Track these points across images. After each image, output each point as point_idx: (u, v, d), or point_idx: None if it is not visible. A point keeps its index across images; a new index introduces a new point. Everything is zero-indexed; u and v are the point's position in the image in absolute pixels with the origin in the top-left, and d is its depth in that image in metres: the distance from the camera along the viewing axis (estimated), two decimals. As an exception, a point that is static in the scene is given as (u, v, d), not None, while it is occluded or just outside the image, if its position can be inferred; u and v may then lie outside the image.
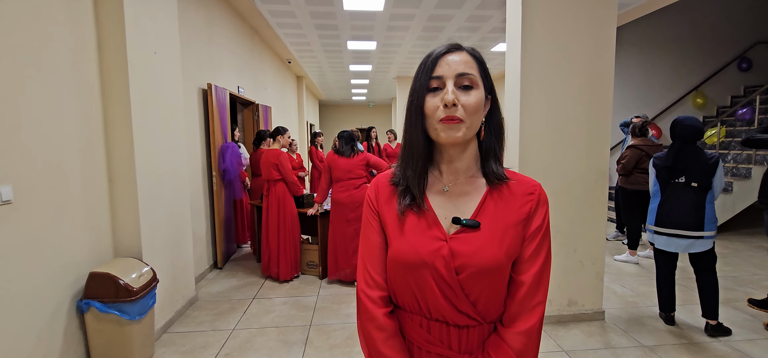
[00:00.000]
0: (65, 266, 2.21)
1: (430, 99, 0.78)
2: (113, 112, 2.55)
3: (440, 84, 0.77)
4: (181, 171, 3.24)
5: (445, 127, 0.76)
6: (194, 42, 4.04)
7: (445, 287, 0.78)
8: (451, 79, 0.76)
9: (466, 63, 0.78)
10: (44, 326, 2.06)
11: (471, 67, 0.78)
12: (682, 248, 2.77)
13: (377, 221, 0.88)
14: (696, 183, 2.73)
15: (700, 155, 2.75)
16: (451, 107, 0.75)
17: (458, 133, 0.77)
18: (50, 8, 2.12)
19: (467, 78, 0.77)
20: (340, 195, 3.68)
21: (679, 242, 2.77)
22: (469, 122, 0.77)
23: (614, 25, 2.85)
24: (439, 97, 0.77)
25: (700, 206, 2.72)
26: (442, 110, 0.76)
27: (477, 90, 0.78)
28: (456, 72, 0.77)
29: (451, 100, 0.75)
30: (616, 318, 3.09)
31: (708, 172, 2.71)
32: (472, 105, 0.76)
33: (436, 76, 0.78)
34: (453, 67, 0.77)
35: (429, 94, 0.79)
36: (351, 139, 3.76)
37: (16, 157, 1.90)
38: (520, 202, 0.82)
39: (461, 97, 0.76)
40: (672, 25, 7.16)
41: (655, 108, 7.40)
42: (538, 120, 2.85)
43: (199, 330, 2.95)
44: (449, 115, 0.76)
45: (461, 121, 0.76)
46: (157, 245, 2.84)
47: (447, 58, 0.78)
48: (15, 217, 1.88)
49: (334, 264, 3.84)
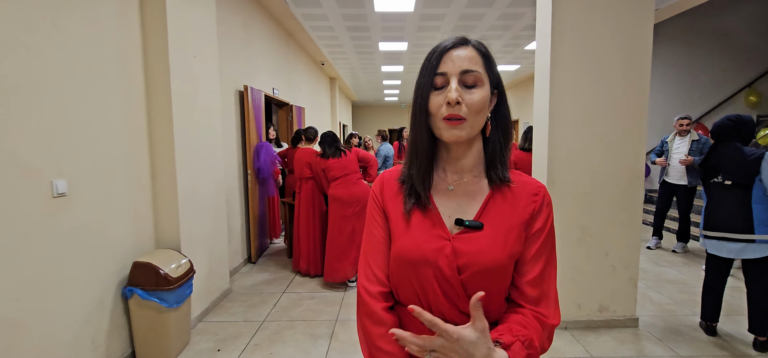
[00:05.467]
0: (112, 255, 2.39)
1: (434, 97, 0.78)
2: (156, 112, 2.73)
3: (444, 81, 0.77)
4: (218, 169, 3.41)
5: (448, 126, 0.77)
6: (232, 45, 4.23)
7: (447, 285, 0.79)
8: (455, 77, 0.76)
9: (471, 59, 0.77)
10: (93, 310, 2.24)
11: (476, 64, 0.77)
12: (734, 252, 2.60)
13: (382, 217, 0.88)
14: (730, 181, 2.59)
15: (736, 153, 2.60)
16: (454, 106, 0.75)
17: (461, 132, 0.77)
18: (101, 17, 2.30)
19: (472, 75, 0.76)
20: (338, 191, 3.70)
21: (731, 246, 2.60)
22: (473, 121, 0.77)
23: (652, 18, 2.74)
24: (443, 95, 0.77)
25: (744, 205, 2.55)
26: (446, 108, 0.76)
27: (481, 88, 0.77)
28: (460, 69, 0.76)
29: (455, 98, 0.75)
30: (651, 326, 2.97)
31: (747, 170, 2.55)
32: (475, 103, 0.76)
33: (441, 73, 0.77)
34: (457, 63, 0.76)
35: (433, 91, 0.78)
36: (335, 140, 3.83)
37: (71, 154, 2.08)
38: (524, 203, 0.82)
39: (465, 95, 0.76)
40: (719, 18, 6.73)
41: (702, 107, 6.99)
42: (568, 118, 2.79)
43: (232, 320, 3.09)
44: (452, 114, 0.76)
45: (464, 120, 0.76)
46: (194, 239, 3.00)
47: (452, 54, 0.77)
48: (69, 208, 2.06)
49: (329, 266, 3.73)
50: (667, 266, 4.32)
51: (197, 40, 3.06)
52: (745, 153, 2.58)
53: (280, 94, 5.88)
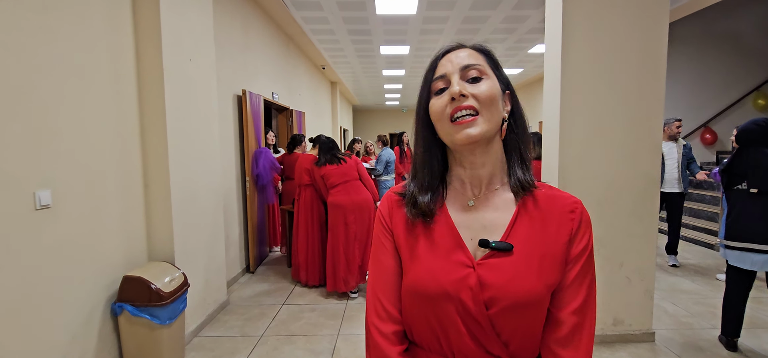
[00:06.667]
0: (101, 269, 2.26)
1: (435, 101, 0.69)
2: (149, 118, 2.61)
3: (445, 83, 0.69)
4: (214, 177, 3.29)
5: (458, 126, 0.66)
6: (230, 49, 4.12)
7: (473, 323, 0.66)
8: (456, 74, 0.68)
9: (470, 54, 0.70)
10: (79, 327, 2.11)
11: (477, 59, 0.69)
12: (758, 265, 2.46)
13: (391, 241, 0.75)
14: (755, 189, 2.46)
15: (765, 159, 2.47)
16: (459, 99, 0.65)
17: (475, 129, 0.65)
18: (91, 18, 2.19)
19: (474, 68, 0.68)
20: (338, 198, 3.59)
21: (755, 257, 2.46)
22: (487, 114, 0.66)
23: (667, 20, 2.62)
24: (446, 94, 0.68)
25: None
26: (451, 106, 0.66)
27: (488, 79, 0.68)
28: (460, 65, 0.68)
29: (458, 90, 0.65)
30: (669, 340, 2.83)
31: None
32: (485, 94, 0.66)
33: (439, 76, 0.69)
34: (456, 61, 0.69)
35: (434, 97, 0.70)
36: (331, 148, 3.72)
37: (56, 163, 1.96)
38: (559, 221, 0.69)
39: (470, 88, 0.66)
40: (729, 20, 6.61)
41: (711, 110, 6.87)
42: (580, 124, 2.66)
43: (229, 335, 2.96)
44: (459, 107, 0.65)
45: (477, 113, 0.65)
46: (189, 250, 2.88)
47: (449, 56, 0.71)
48: (53, 221, 1.94)
49: (332, 274, 3.63)
50: (680, 275, 4.17)
51: (193, 44, 2.94)
52: None
53: (279, 99, 5.77)
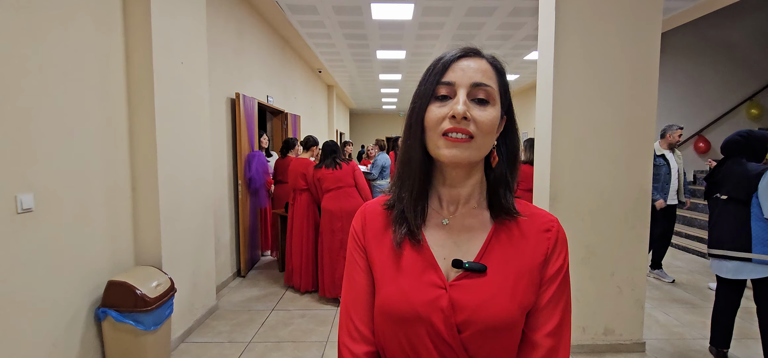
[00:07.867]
0: (85, 274, 2.22)
1: (434, 108, 0.65)
2: (138, 121, 2.58)
3: (451, 92, 0.64)
4: (205, 180, 3.26)
5: (448, 143, 0.63)
6: (224, 52, 4.10)
7: (445, 347, 0.64)
8: (464, 89, 0.63)
9: (485, 72, 0.65)
10: (61, 334, 2.07)
11: (490, 78, 0.65)
12: (730, 272, 2.47)
13: (364, 259, 0.73)
14: (726, 196, 2.51)
15: (739, 168, 2.49)
16: (460, 121, 0.62)
17: (465, 152, 0.63)
18: (79, 20, 2.16)
19: (484, 90, 0.64)
20: (329, 204, 3.58)
21: (728, 265, 2.48)
22: (481, 142, 0.64)
23: (659, 30, 2.63)
24: (448, 106, 0.63)
25: (743, 223, 2.42)
26: (449, 122, 0.63)
27: (494, 107, 0.65)
28: (472, 81, 0.64)
29: (462, 112, 0.61)
30: (659, 351, 2.81)
31: (746, 186, 2.43)
32: (486, 123, 0.63)
33: (447, 82, 0.65)
34: (468, 74, 0.64)
35: (435, 102, 0.65)
36: (333, 151, 3.71)
37: (39, 166, 1.93)
38: (535, 241, 0.68)
39: (474, 111, 0.63)
40: (722, 30, 6.66)
41: (703, 119, 6.90)
42: (572, 132, 2.66)
43: (216, 341, 2.92)
44: (458, 128, 0.62)
45: (472, 138, 0.63)
46: (178, 254, 2.84)
47: (461, 63, 0.65)
48: (35, 225, 1.91)
49: (322, 280, 3.65)
50: (672, 284, 4.17)
51: (185, 47, 2.92)
52: (748, 168, 2.46)
53: (274, 102, 5.74)
